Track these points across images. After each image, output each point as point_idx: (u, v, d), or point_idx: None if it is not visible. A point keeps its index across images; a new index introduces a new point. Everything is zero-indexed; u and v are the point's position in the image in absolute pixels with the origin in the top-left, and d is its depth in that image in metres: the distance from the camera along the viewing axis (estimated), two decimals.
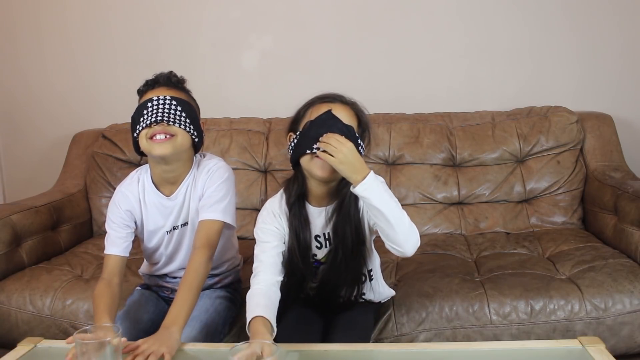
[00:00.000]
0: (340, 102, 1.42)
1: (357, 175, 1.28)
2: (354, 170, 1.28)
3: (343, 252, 1.44)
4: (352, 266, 1.48)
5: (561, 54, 2.55)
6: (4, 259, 1.95)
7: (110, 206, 1.62)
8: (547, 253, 2.02)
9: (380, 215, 1.29)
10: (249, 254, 2.09)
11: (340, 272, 1.47)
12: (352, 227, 1.43)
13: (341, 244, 1.44)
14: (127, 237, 1.58)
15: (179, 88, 1.56)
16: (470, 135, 2.37)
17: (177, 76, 1.58)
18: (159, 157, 1.51)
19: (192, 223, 1.60)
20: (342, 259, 1.45)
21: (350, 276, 1.50)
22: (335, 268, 1.46)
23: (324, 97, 1.44)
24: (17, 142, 2.88)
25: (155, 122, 1.47)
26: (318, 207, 1.46)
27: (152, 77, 1.57)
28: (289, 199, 1.45)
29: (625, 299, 1.68)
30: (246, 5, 2.65)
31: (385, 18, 2.60)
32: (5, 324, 1.85)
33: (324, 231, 1.47)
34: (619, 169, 2.27)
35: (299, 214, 1.44)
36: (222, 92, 2.67)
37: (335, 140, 1.30)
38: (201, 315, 1.54)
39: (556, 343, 1.35)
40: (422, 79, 2.62)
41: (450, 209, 2.32)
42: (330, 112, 1.37)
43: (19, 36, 2.78)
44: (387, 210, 1.28)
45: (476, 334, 1.67)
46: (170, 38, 2.69)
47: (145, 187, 1.60)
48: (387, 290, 1.66)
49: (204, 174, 1.58)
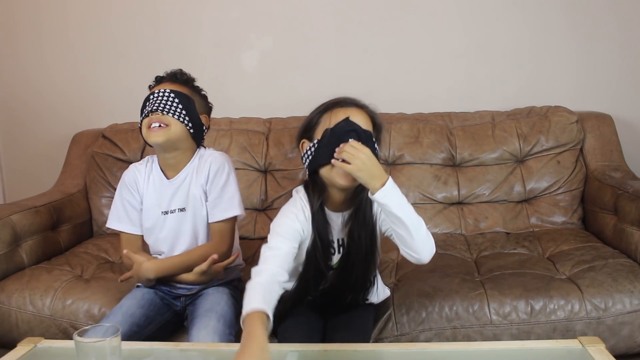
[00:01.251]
0: (356, 107, 1.40)
1: (375, 182, 1.26)
2: (372, 177, 1.26)
3: (356, 256, 1.43)
4: (362, 271, 1.47)
5: (561, 54, 2.55)
6: (4, 259, 1.95)
7: (119, 184, 1.77)
8: (547, 253, 2.02)
9: (399, 222, 1.27)
10: (249, 254, 2.11)
11: (350, 276, 1.47)
12: (368, 233, 1.42)
13: (355, 248, 1.42)
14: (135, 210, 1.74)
15: (183, 84, 1.69)
16: (470, 135, 2.37)
17: (185, 74, 1.72)
18: (153, 144, 1.65)
19: (193, 211, 1.69)
20: (354, 264, 1.44)
21: (360, 282, 1.50)
22: (346, 272, 1.47)
23: (338, 102, 1.41)
24: (17, 141, 2.88)
25: (151, 111, 1.62)
26: (335, 212, 1.45)
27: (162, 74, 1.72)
28: (312, 204, 1.42)
29: (625, 299, 1.68)
30: (246, 5, 2.65)
31: (385, 18, 2.60)
32: (5, 324, 1.85)
33: (339, 237, 1.46)
34: (619, 169, 2.27)
35: (322, 219, 1.42)
36: (222, 92, 2.66)
37: (351, 147, 1.27)
38: (215, 307, 1.58)
39: (556, 343, 1.36)
40: (422, 79, 2.62)
41: (450, 209, 2.32)
42: (349, 120, 1.34)
43: (20, 35, 2.78)
44: (406, 217, 1.26)
45: (476, 334, 1.67)
46: (171, 38, 2.69)
47: (152, 168, 1.74)
48: (385, 291, 1.67)
49: (205, 166, 1.69)
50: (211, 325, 1.49)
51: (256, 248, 2.22)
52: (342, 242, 1.47)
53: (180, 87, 1.67)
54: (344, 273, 1.47)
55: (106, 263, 2.11)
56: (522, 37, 2.56)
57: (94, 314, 1.79)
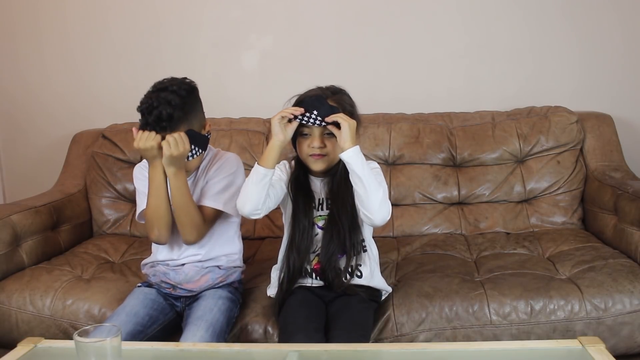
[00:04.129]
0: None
1: (349, 144, 1.48)
2: (349, 138, 1.48)
3: (340, 212, 1.60)
4: (350, 230, 1.61)
5: (561, 54, 2.55)
6: (4, 259, 1.95)
7: (134, 178, 1.76)
8: (547, 253, 2.02)
9: (359, 181, 1.48)
10: (249, 254, 2.11)
11: (339, 234, 1.60)
12: (349, 192, 1.56)
13: (338, 205, 1.61)
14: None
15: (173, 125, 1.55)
16: (470, 135, 2.37)
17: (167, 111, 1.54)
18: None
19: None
20: (340, 220, 1.60)
21: (349, 243, 1.61)
22: (334, 229, 1.60)
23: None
24: (17, 142, 2.88)
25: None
26: (317, 177, 1.68)
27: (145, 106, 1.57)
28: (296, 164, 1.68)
29: (625, 299, 1.68)
30: (246, 5, 2.65)
31: (385, 18, 2.60)
32: (5, 324, 1.85)
33: (321, 197, 1.66)
34: (619, 169, 2.27)
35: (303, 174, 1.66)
36: (222, 92, 2.67)
37: (343, 115, 1.51)
38: (206, 315, 1.57)
39: (556, 343, 1.35)
40: (422, 79, 2.62)
41: (450, 209, 2.32)
42: (321, 96, 1.56)
43: (19, 36, 2.78)
44: (365, 178, 1.48)
45: (476, 334, 1.67)
46: (171, 38, 2.69)
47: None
48: (382, 280, 1.71)
49: (217, 163, 1.71)
50: (198, 336, 1.49)
51: (256, 248, 2.22)
52: (325, 202, 1.65)
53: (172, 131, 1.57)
54: (332, 229, 1.61)
55: (106, 263, 2.11)
56: (522, 37, 2.56)
57: (94, 314, 1.79)
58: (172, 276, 1.69)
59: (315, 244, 1.65)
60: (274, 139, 1.50)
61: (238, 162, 1.75)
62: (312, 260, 1.65)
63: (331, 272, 1.60)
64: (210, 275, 1.70)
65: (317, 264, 1.64)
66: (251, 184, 1.51)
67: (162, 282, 1.71)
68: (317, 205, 1.65)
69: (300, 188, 1.65)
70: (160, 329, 1.63)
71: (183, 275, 1.69)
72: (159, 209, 1.62)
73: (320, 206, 1.65)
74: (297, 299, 1.62)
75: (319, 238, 1.64)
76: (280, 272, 1.67)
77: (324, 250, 1.61)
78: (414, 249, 2.13)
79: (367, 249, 1.67)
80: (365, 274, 1.65)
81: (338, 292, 1.62)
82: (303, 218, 1.62)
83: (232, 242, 1.77)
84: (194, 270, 1.69)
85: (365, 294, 1.63)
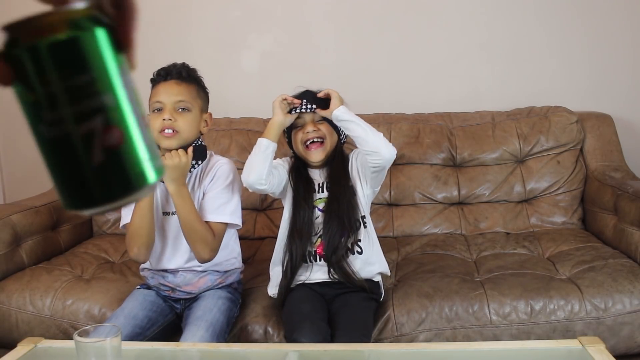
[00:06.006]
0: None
1: (338, 104, 1.60)
2: (338, 103, 1.60)
3: (338, 192, 1.66)
4: (348, 208, 1.65)
5: (561, 54, 2.55)
6: (4, 259, 1.95)
7: None
8: (547, 253, 2.02)
9: (357, 127, 1.57)
10: (249, 254, 2.11)
11: (338, 212, 1.64)
12: (346, 174, 1.68)
13: (336, 186, 1.68)
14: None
15: (190, 81, 1.65)
16: (470, 135, 2.37)
17: (192, 70, 1.67)
18: (165, 149, 1.61)
19: None
20: (339, 199, 1.66)
21: (348, 220, 1.64)
22: (335, 208, 1.65)
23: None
24: (17, 142, 2.88)
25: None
26: (314, 169, 1.75)
27: (165, 67, 1.64)
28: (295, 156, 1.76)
29: (625, 299, 1.68)
30: (246, 5, 2.65)
31: (385, 18, 2.60)
32: (5, 324, 1.85)
33: (320, 182, 1.72)
34: (619, 169, 2.27)
35: (302, 164, 1.74)
36: (222, 92, 2.65)
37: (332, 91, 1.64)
38: (206, 315, 1.56)
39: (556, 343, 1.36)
40: (422, 79, 2.62)
41: (450, 209, 2.32)
42: (309, 90, 1.68)
43: None
44: (362, 122, 1.58)
45: (476, 334, 1.67)
46: (170, 38, 2.69)
47: None
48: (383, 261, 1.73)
49: (211, 170, 1.69)
50: (198, 336, 1.48)
51: (256, 248, 2.22)
52: (325, 185, 1.71)
53: (187, 86, 1.63)
54: (332, 208, 1.65)
55: (106, 263, 2.11)
56: (522, 37, 2.56)
57: (94, 314, 1.79)
58: (171, 279, 1.69)
59: (317, 227, 1.67)
60: (274, 118, 1.63)
61: (232, 168, 1.72)
62: (314, 242, 1.67)
63: (333, 251, 1.62)
64: (209, 277, 1.69)
65: (319, 246, 1.66)
66: (254, 155, 1.60)
67: (161, 285, 1.71)
68: (318, 189, 1.71)
69: (300, 177, 1.72)
70: (160, 331, 1.63)
71: (181, 278, 1.68)
72: (141, 230, 1.59)
73: (320, 189, 1.71)
74: (299, 295, 1.63)
75: (319, 221, 1.67)
76: (282, 263, 1.67)
77: (326, 228, 1.64)
78: (413, 249, 2.13)
79: (367, 225, 1.69)
80: (365, 249, 1.66)
81: (337, 278, 1.63)
82: (303, 203, 1.67)
83: (228, 248, 1.75)
84: (192, 273, 1.68)
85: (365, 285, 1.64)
